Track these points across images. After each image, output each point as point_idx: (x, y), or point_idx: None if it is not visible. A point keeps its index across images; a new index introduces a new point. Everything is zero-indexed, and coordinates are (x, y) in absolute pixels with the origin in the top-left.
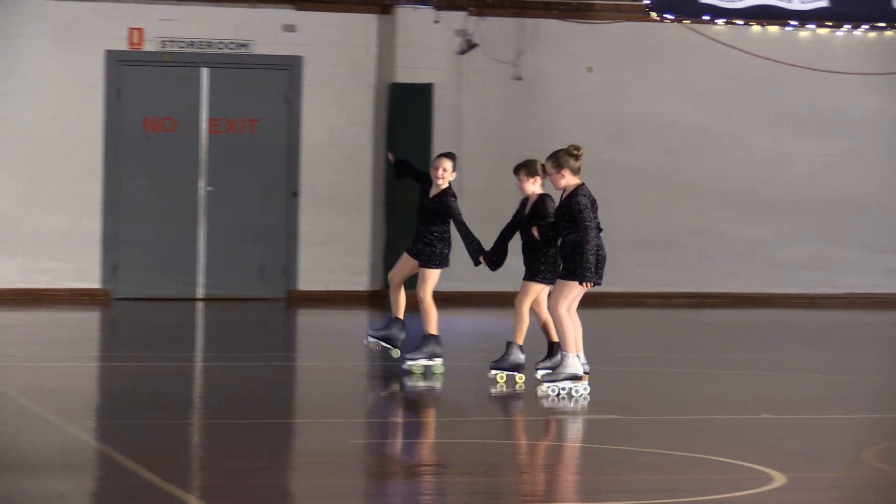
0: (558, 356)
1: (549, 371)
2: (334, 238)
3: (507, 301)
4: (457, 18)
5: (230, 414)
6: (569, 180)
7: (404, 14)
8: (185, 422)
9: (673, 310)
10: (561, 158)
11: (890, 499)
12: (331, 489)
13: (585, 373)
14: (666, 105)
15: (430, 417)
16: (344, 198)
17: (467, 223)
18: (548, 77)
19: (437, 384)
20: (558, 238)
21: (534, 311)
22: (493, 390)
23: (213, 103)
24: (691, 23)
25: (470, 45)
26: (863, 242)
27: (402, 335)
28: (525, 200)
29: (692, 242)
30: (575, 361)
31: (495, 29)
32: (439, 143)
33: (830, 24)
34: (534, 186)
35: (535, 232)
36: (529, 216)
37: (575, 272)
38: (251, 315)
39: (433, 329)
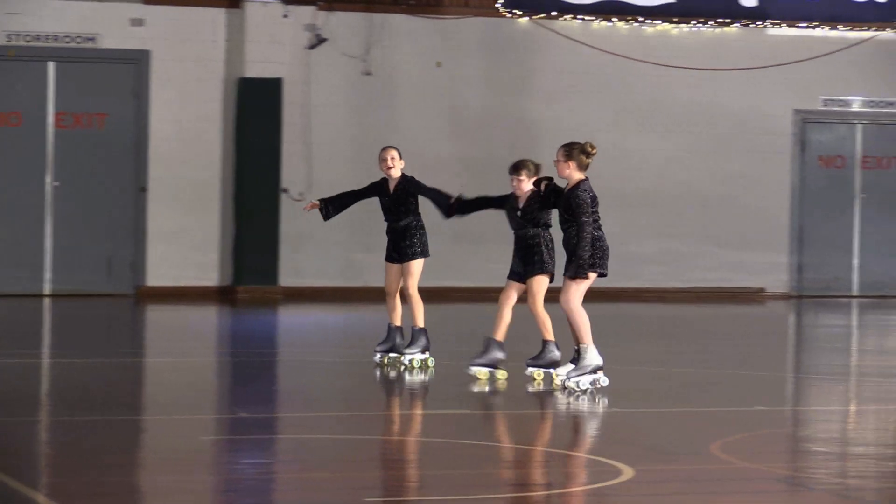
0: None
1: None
2: (183, 233)
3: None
4: (306, 13)
5: (78, 411)
6: (573, 173)
7: (253, 8)
8: (33, 419)
9: (522, 304)
10: (574, 151)
11: (736, 491)
12: (180, 485)
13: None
14: (514, 100)
15: (286, 413)
16: (193, 193)
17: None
18: (397, 72)
19: (427, 377)
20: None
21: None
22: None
23: (59, 98)
24: (539, 18)
25: (319, 40)
26: (710, 236)
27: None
28: (516, 197)
29: None
30: (595, 352)
31: (344, 24)
32: (289, 138)
33: (677, 19)
34: (530, 185)
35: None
36: (526, 208)
37: (589, 264)
38: (99, 311)
39: (422, 322)
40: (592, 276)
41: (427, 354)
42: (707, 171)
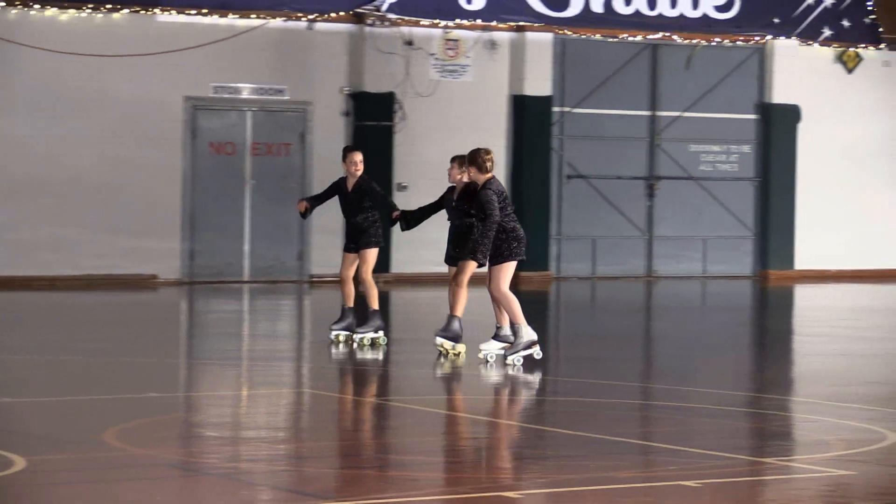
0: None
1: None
2: None
3: None
4: None
5: None
6: (477, 176)
7: None
8: None
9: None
10: (465, 158)
11: (130, 478)
12: None
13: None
14: None
15: None
16: None
17: None
18: None
19: (380, 355)
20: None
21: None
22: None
23: None
24: None
25: None
26: (101, 223)
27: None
28: (452, 189)
29: None
30: (528, 329)
31: None
32: None
33: (67, 5)
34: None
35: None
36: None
37: (508, 253)
38: None
39: (376, 304)
40: (513, 263)
41: (380, 333)
42: (98, 158)
